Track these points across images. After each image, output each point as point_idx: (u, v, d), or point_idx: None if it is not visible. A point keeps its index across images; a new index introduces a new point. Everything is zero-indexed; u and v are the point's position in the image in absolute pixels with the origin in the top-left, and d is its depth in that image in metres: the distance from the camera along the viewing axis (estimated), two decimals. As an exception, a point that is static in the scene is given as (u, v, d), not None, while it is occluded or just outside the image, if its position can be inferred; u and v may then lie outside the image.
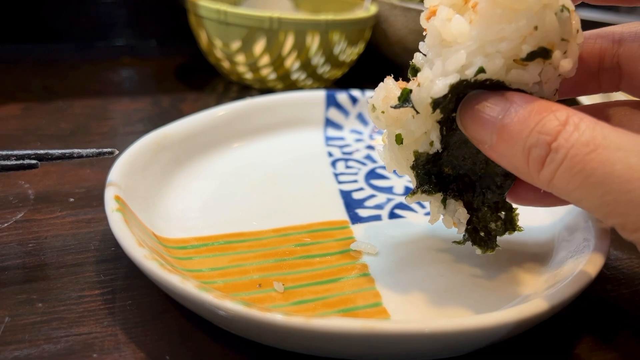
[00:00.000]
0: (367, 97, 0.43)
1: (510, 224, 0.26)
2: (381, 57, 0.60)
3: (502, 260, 0.28)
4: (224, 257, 0.27)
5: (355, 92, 0.43)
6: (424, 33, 0.23)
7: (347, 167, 0.37)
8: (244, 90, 0.53)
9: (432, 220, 0.26)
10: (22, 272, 0.26)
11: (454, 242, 0.27)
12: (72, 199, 0.32)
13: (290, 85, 0.52)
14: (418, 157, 0.25)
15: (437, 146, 0.24)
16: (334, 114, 0.43)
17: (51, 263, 0.26)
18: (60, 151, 0.27)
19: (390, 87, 0.24)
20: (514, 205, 0.26)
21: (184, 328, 0.23)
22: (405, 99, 0.23)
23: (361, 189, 0.34)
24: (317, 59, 0.50)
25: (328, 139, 0.41)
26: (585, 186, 0.18)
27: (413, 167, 0.25)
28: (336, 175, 0.36)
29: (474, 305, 0.24)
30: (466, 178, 0.25)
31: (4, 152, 0.27)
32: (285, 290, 0.25)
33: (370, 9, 0.53)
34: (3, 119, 0.42)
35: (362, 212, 0.32)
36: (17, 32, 0.61)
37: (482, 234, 0.26)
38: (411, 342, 0.19)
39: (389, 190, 0.35)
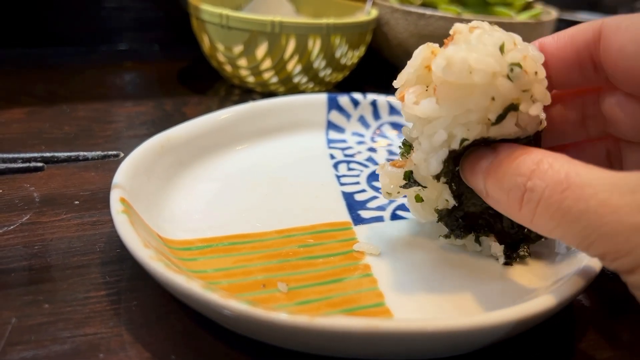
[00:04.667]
0: (368, 99, 0.43)
1: None
2: (382, 60, 0.60)
3: (504, 260, 0.28)
4: (228, 258, 0.27)
5: (357, 95, 0.43)
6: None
7: (349, 169, 0.38)
8: (246, 93, 0.53)
9: (471, 250, 0.28)
10: (28, 273, 0.26)
11: (504, 264, 0.27)
12: (77, 202, 0.32)
13: (292, 88, 0.52)
14: (440, 212, 0.27)
15: (452, 202, 0.26)
16: (335, 116, 0.43)
17: (57, 265, 0.27)
18: (66, 154, 0.27)
19: (389, 172, 0.28)
20: None
21: (189, 328, 0.23)
22: (409, 179, 0.27)
23: (363, 190, 0.35)
24: (319, 63, 0.50)
25: (330, 141, 0.42)
26: (564, 223, 0.19)
27: (439, 220, 0.28)
28: (338, 177, 0.36)
29: (476, 304, 0.25)
30: (490, 209, 0.26)
31: (11, 155, 0.27)
32: (289, 291, 0.25)
33: (371, 13, 0.54)
34: (7, 123, 0.43)
35: (364, 214, 0.32)
36: (21, 37, 0.62)
37: (522, 245, 0.27)
38: (414, 340, 0.20)
39: (390, 191, 0.35)
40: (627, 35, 0.22)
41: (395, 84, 0.26)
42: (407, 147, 0.27)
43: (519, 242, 0.27)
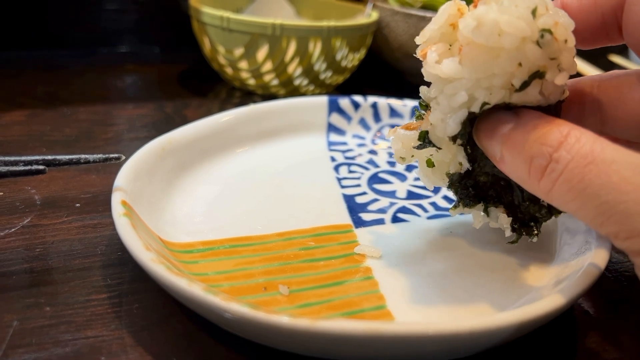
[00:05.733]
0: (369, 102, 0.43)
1: (555, 209, 0.26)
2: (382, 62, 0.60)
3: (505, 263, 0.28)
4: (229, 261, 0.27)
5: (357, 98, 0.43)
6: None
7: (350, 171, 0.38)
8: (247, 96, 0.53)
9: (477, 224, 0.28)
10: (30, 276, 0.26)
11: (509, 242, 0.28)
12: (78, 204, 0.32)
13: (293, 91, 0.52)
14: (452, 177, 0.27)
15: (466, 165, 0.26)
16: (336, 119, 0.43)
17: (58, 267, 0.27)
18: (67, 157, 0.27)
19: (402, 135, 0.27)
20: None
21: (190, 331, 0.23)
22: (424, 140, 0.26)
23: (364, 193, 0.35)
24: (319, 65, 0.50)
25: (330, 143, 0.42)
26: (583, 197, 0.19)
27: (450, 187, 0.27)
28: (339, 179, 0.36)
29: (478, 306, 0.25)
30: (502, 181, 0.26)
31: (13, 158, 0.27)
32: (290, 294, 0.25)
33: (372, 15, 0.54)
34: (8, 125, 0.43)
35: (365, 216, 0.32)
36: (22, 39, 0.62)
37: (531, 224, 0.27)
38: (415, 344, 0.20)
39: (391, 194, 0.35)
40: None
41: (417, 40, 0.25)
42: (424, 107, 0.26)
43: (528, 221, 0.26)
